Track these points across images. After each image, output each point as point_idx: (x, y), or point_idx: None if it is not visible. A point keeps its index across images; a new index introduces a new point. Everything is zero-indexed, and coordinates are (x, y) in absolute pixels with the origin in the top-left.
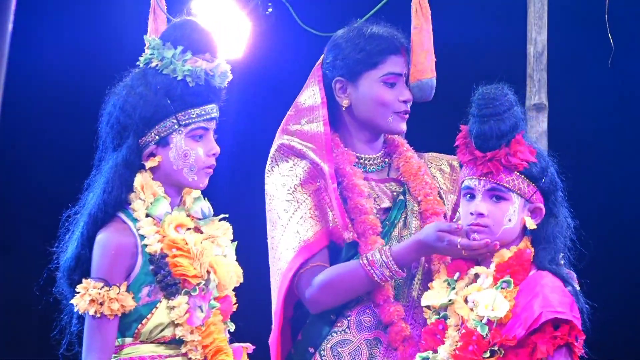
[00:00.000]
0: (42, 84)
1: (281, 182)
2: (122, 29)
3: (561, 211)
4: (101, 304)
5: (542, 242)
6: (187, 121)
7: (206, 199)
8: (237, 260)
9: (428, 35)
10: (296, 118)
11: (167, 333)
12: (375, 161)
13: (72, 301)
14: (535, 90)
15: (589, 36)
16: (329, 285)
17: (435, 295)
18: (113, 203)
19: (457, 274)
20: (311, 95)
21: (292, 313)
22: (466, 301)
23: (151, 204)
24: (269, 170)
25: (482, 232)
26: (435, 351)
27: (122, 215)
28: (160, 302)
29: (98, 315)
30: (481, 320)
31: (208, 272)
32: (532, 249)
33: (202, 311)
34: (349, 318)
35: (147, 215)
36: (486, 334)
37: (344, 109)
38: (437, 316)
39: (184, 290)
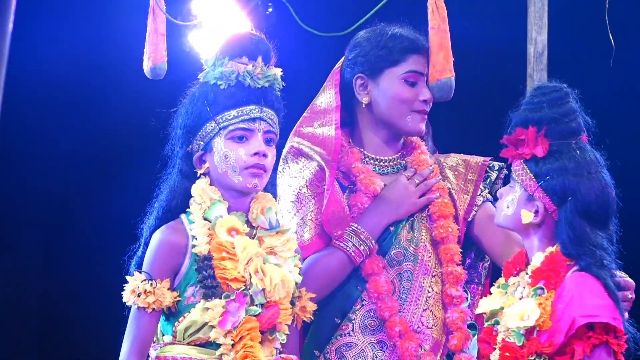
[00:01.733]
0: (42, 84)
1: (288, 183)
2: (122, 29)
3: (577, 223)
4: (139, 295)
5: (565, 251)
6: (225, 123)
7: (279, 210)
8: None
9: (445, 35)
10: (310, 120)
11: (202, 334)
12: (390, 163)
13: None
14: None
15: (590, 36)
16: (309, 272)
17: (490, 301)
18: (170, 210)
19: (511, 279)
20: (327, 98)
21: None
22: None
23: (208, 207)
24: (280, 172)
25: (495, 212)
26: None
27: (183, 217)
28: (200, 302)
29: (136, 306)
30: (518, 331)
31: (251, 277)
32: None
33: (237, 316)
34: (353, 321)
35: (204, 219)
36: (522, 344)
37: (363, 106)
38: (490, 323)
39: (224, 294)
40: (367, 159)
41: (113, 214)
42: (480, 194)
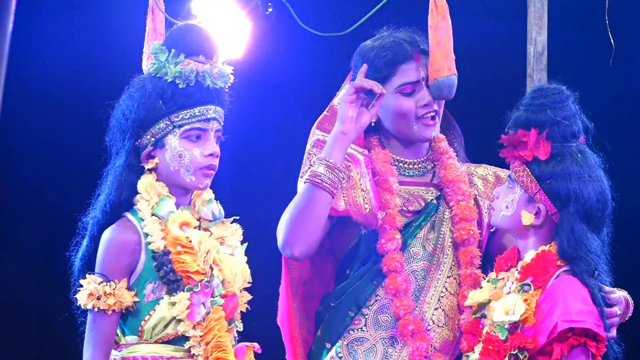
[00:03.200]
0: (42, 84)
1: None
2: (121, 29)
3: (577, 226)
4: (98, 298)
5: (562, 255)
6: (180, 122)
7: (217, 201)
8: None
9: (445, 33)
10: (332, 119)
11: (170, 330)
12: (415, 166)
13: (76, 295)
14: None
15: (589, 36)
16: (288, 217)
17: (479, 294)
18: (118, 204)
19: (501, 274)
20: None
21: (318, 306)
22: None
23: (156, 204)
24: (304, 172)
25: (490, 213)
26: (474, 351)
27: (129, 215)
28: (163, 298)
29: (96, 309)
30: (502, 325)
31: (212, 269)
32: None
33: (204, 307)
34: (366, 316)
35: (153, 215)
36: (506, 338)
37: (372, 124)
38: (476, 315)
39: (187, 287)
40: (395, 162)
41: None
42: None
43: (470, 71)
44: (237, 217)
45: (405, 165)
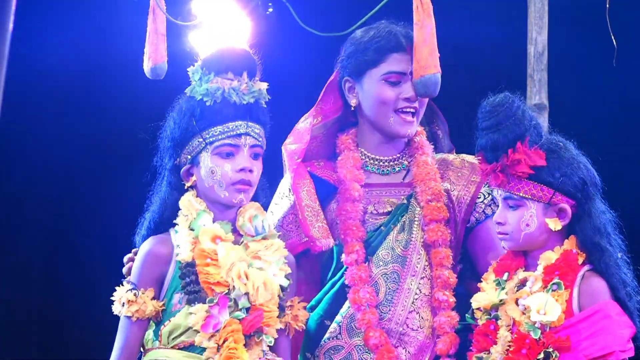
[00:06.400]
0: (42, 84)
1: (279, 189)
2: (122, 29)
3: (595, 207)
4: (123, 305)
5: (587, 245)
6: (211, 139)
7: (264, 219)
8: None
9: (430, 31)
10: (302, 118)
11: (185, 338)
12: (390, 163)
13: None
14: (535, 90)
15: (590, 36)
16: None
17: (485, 296)
18: (161, 223)
19: (506, 274)
20: (321, 94)
21: None
22: (517, 304)
23: (194, 218)
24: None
25: (505, 239)
26: (488, 352)
27: (172, 230)
28: (184, 307)
29: (121, 315)
30: (534, 324)
31: (235, 281)
32: (578, 250)
33: (220, 319)
34: (340, 324)
35: (190, 229)
36: (539, 338)
37: (352, 108)
38: (488, 317)
39: (208, 299)
40: (367, 159)
41: (113, 213)
42: (482, 200)
43: (471, 71)
44: (279, 233)
45: (380, 163)
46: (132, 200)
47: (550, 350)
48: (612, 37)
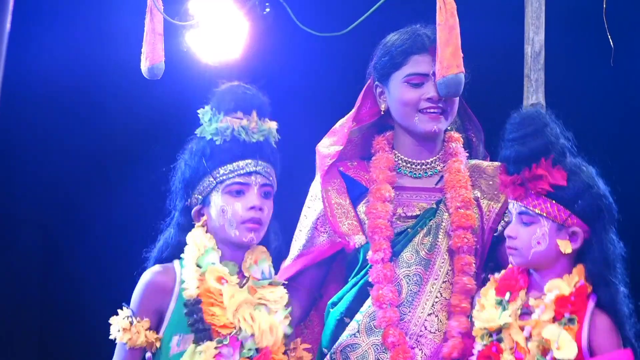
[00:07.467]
0: (40, 84)
1: (310, 191)
2: (120, 28)
3: (608, 237)
4: (118, 331)
5: (594, 276)
6: (221, 178)
7: (270, 263)
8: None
9: (453, 31)
10: (341, 120)
11: None
12: (423, 167)
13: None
14: (532, 90)
15: (587, 36)
16: None
17: (487, 316)
18: (164, 260)
19: (508, 294)
20: (359, 99)
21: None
22: (522, 329)
23: (202, 254)
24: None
25: (513, 254)
26: None
27: (176, 262)
28: (189, 347)
29: (117, 340)
30: (545, 357)
31: (242, 323)
32: (585, 281)
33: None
34: (359, 322)
35: (197, 266)
36: None
37: (382, 112)
38: (491, 338)
39: (217, 339)
40: (401, 162)
41: (113, 213)
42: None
43: (468, 71)
44: (285, 282)
45: (413, 167)
46: (132, 199)
47: None
48: (609, 37)
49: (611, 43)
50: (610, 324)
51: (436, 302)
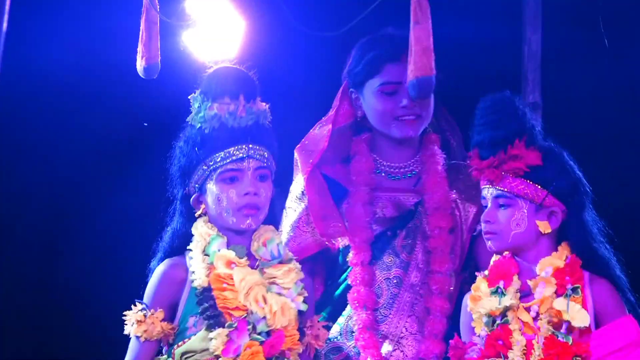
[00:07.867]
0: (37, 84)
1: (291, 192)
2: (116, 28)
3: (587, 215)
4: (133, 324)
5: (582, 251)
6: (214, 166)
7: (280, 242)
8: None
9: (427, 32)
10: (319, 123)
11: (199, 357)
12: (401, 170)
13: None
14: (530, 89)
15: (584, 35)
16: None
17: (487, 303)
18: (171, 252)
19: (501, 282)
20: (336, 102)
21: None
22: (528, 310)
23: (208, 243)
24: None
25: (492, 238)
26: (506, 356)
27: (186, 253)
28: (201, 331)
29: (131, 335)
30: (560, 330)
31: (253, 305)
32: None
33: (240, 343)
34: (341, 325)
35: (204, 254)
36: (572, 343)
37: (358, 119)
38: (494, 324)
39: (227, 324)
40: (379, 164)
41: (112, 212)
42: None
43: (465, 70)
44: (295, 257)
45: (392, 169)
46: (132, 198)
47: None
48: (604, 37)
49: (606, 42)
50: (609, 286)
51: (415, 304)
